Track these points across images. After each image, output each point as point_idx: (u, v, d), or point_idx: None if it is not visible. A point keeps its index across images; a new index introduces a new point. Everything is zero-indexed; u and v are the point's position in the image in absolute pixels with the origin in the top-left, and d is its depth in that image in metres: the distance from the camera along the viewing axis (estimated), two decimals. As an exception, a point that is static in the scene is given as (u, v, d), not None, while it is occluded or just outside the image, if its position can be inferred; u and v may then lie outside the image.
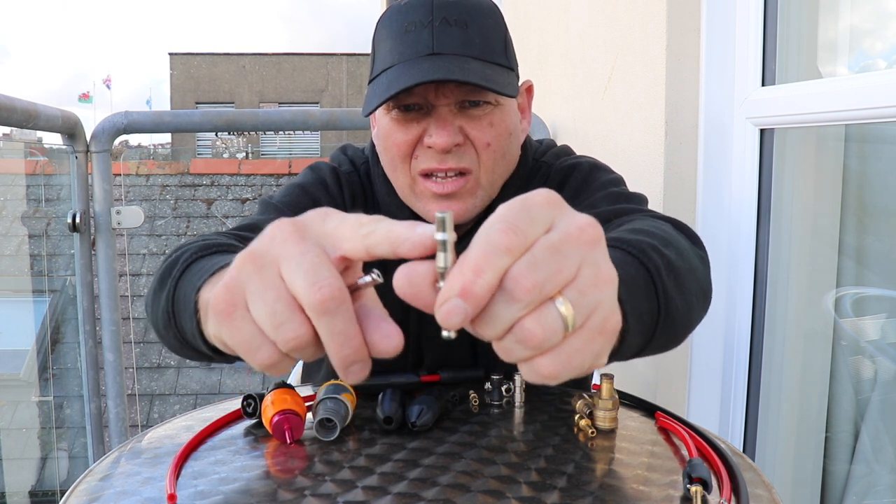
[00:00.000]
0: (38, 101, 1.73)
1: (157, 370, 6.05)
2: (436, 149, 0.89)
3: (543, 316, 0.41)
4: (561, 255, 0.41)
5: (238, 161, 8.21)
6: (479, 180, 0.92)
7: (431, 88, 0.89)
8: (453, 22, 0.87)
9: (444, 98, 0.89)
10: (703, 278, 0.82)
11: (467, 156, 0.91)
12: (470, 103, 0.90)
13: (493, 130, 0.91)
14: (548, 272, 0.41)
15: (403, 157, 0.92)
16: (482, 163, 0.92)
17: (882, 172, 1.39)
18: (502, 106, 0.93)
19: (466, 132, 0.90)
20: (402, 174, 0.94)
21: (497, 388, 0.98)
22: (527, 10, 2.46)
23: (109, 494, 0.72)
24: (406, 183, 0.94)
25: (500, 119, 0.92)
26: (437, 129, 0.88)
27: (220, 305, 0.47)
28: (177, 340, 0.73)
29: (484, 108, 0.91)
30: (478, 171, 0.92)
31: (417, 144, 0.91)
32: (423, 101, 0.89)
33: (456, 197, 0.92)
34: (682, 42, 1.46)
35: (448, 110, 0.90)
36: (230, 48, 63.79)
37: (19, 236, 4.81)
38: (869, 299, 1.38)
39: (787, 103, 1.33)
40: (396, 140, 0.92)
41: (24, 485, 3.42)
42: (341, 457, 0.81)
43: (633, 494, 0.72)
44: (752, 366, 1.45)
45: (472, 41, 0.87)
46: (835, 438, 1.40)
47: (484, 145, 0.91)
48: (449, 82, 0.86)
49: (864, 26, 1.36)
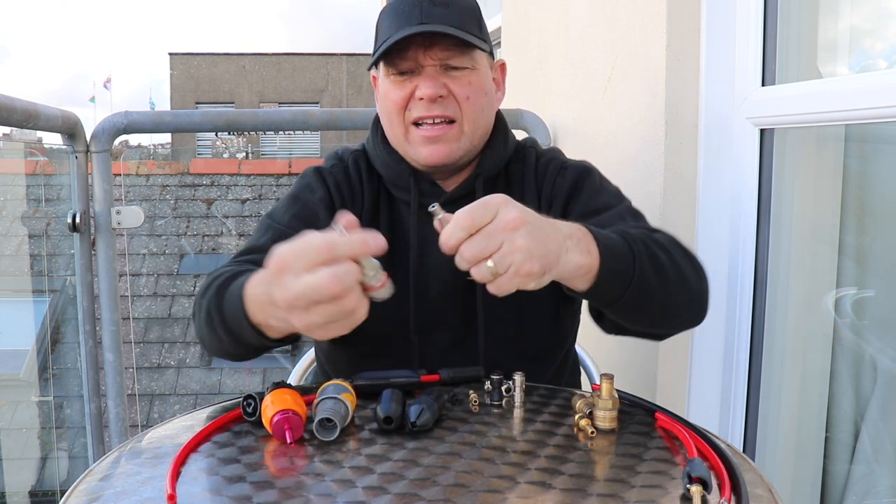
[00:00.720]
0: (37, 102, 1.73)
1: (157, 370, 6.05)
2: (425, 99, 1.09)
3: (480, 270, 0.78)
4: (490, 237, 0.77)
5: (238, 161, 8.22)
6: (462, 128, 1.12)
7: (420, 51, 1.09)
8: (438, 3, 1.10)
9: (430, 59, 1.10)
10: (693, 284, 0.99)
11: (451, 106, 1.11)
12: (452, 67, 1.11)
13: (472, 88, 1.12)
14: (479, 248, 0.77)
15: (399, 109, 1.12)
16: (464, 113, 1.12)
17: (882, 172, 1.39)
18: (478, 70, 1.14)
19: (450, 88, 1.11)
20: (397, 125, 1.14)
21: (497, 388, 0.98)
22: (527, 10, 2.46)
23: (109, 494, 0.72)
24: (401, 132, 1.14)
25: (477, 80, 1.13)
26: (424, 83, 1.10)
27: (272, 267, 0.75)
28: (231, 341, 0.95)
29: (463, 71, 1.12)
30: (461, 121, 1.12)
31: (410, 99, 1.11)
32: (415, 64, 1.11)
33: (441, 140, 1.11)
34: (682, 42, 1.46)
35: (434, 69, 1.11)
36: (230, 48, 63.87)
37: (19, 236, 4.82)
38: (869, 299, 1.38)
39: (787, 103, 1.33)
40: (393, 96, 1.12)
41: (24, 485, 3.43)
42: (341, 457, 0.81)
43: (632, 494, 0.72)
44: (752, 366, 1.45)
45: (452, 15, 1.10)
46: (835, 438, 1.40)
47: (464, 98, 1.11)
48: (435, 37, 1.08)
49: (864, 26, 1.36)
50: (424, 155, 1.12)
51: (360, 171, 1.21)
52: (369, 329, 1.15)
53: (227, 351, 1.03)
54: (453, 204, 1.06)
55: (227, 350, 1.02)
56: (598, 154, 1.80)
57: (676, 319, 1.03)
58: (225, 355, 1.06)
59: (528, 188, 1.20)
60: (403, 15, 1.10)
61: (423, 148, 1.12)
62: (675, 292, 0.96)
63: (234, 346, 0.97)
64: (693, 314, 1.03)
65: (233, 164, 7.80)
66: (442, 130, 1.11)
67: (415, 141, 1.13)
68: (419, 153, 1.13)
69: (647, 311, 0.96)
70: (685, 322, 1.05)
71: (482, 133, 1.16)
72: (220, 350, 1.04)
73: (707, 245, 1.49)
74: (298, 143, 18.26)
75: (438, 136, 1.11)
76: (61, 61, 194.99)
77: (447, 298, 1.15)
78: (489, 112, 1.17)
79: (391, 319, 1.15)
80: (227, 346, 0.99)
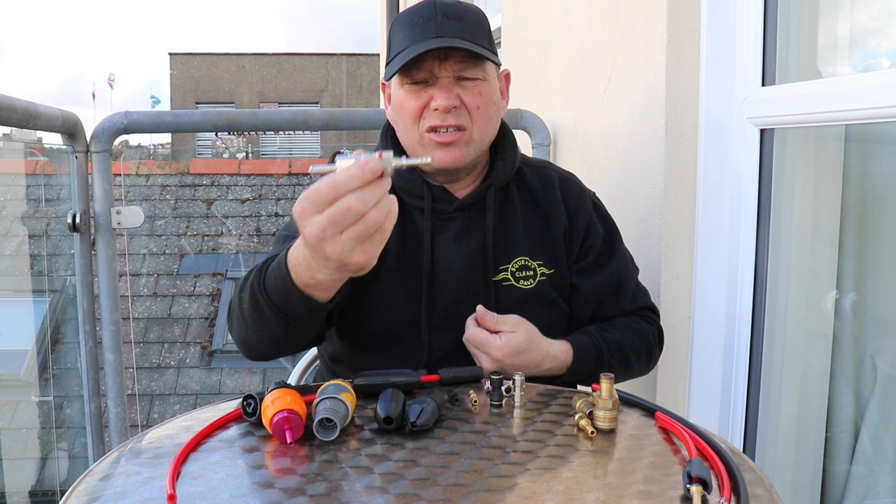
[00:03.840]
0: (36, 102, 1.73)
1: (157, 370, 6.05)
2: (440, 109, 1.15)
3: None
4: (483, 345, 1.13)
5: (238, 161, 8.21)
6: (472, 135, 1.19)
7: (436, 63, 1.15)
8: (452, 17, 1.15)
9: (445, 71, 1.16)
10: (642, 372, 1.30)
11: (463, 116, 1.17)
12: (464, 78, 1.17)
13: (482, 98, 1.18)
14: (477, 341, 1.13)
15: (414, 118, 1.18)
16: (474, 122, 1.18)
17: (882, 172, 1.39)
18: (488, 81, 1.20)
19: (462, 98, 1.17)
20: (412, 133, 1.20)
21: (497, 388, 0.98)
22: (527, 10, 2.46)
23: (109, 494, 0.72)
24: (416, 139, 1.20)
25: (487, 90, 1.19)
26: (440, 94, 1.15)
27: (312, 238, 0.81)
28: (279, 321, 0.99)
29: (475, 82, 1.18)
30: (471, 128, 1.18)
31: (425, 109, 1.17)
32: (429, 75, 1.16)
33: (453, 145, 1.18)
34: (682, 42, 1.46)
35: (448, 81, 1.16)
36: (230, 48, 63.87)
37: (19, 236, 4.81)
38: (869, 299, 1.38)
39: (787, 103, 1.33)
40: (409, 105, 1.18)
41: (24, 485, 3.42)
42: (341, 457, 0.81)
43: (633, 494, 0.72)
44: (752, 366, 1.45)
45: (466, 29, 1.16)
46: (835, 438, 1.40)
47: (475, 108, 1.18)
48: (450, 50, 1.14)
49: (865, 26, 1.36)
50: (438, 159, 1.17)
51: None
52: (382, 329, 1.19)
53: (274, 338, 1.04)
54: (464, 210, 1.23)
55: (274, 336, 1.03)
56: (598, 154, 1.80)
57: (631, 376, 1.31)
58: (272, 345, 1.07)
59: (556, 208, 1.27)
60: (419, 27, 1.15)
61: (437, 152, 1.18)
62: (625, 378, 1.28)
63: (282, 326, 0.99)
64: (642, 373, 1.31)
65: (233, 164, 7.80)
66: (454, 137, 1.17)
67: (429, 146, 1.19)
68: (433, 157, 1.17)
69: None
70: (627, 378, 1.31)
71: (489, 139, 1.23)
72: (265, 340, 1.05)
73: (707, 245, 1.49)
74: (298, 143, 18.26)
75: (451, 142, 1.17)
76: (59, 62, 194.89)
77: (459, 300, 1.19)
78: (496, 120, 1.24)
79: (401, 317, 1.18)
80: (274, 329, 1.01)
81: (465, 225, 1.22)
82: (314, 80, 20.03)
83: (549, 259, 1.24)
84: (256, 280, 1.00)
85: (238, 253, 6.95)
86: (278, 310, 0.97)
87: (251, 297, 1.01)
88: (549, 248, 1.25)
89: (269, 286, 0.97)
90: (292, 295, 0.93)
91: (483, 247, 1.21)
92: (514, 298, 1.21)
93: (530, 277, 1.23)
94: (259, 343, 1.07)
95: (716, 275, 1.48)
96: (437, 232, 1.21)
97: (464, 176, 1.24)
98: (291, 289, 0.93)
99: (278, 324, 0.99)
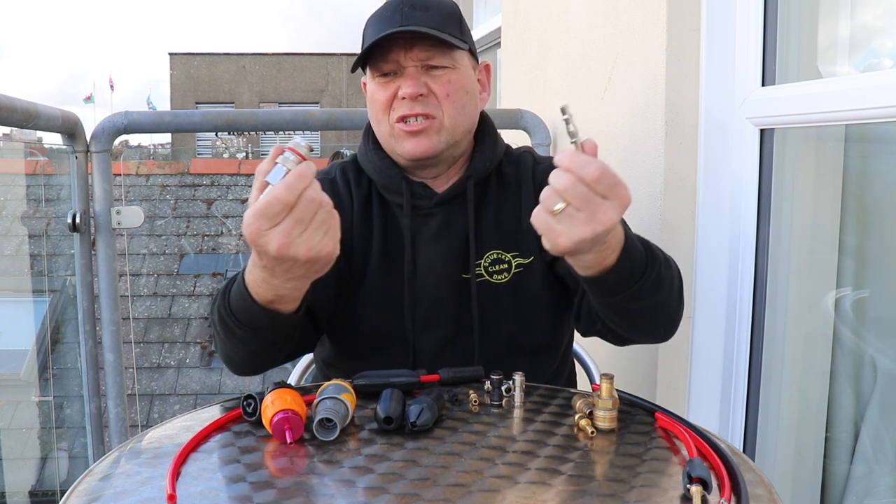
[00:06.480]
0: (35, 102, 1.73)
1: (157, 370, 6.05)
2: (407, 97, 1.15)
3: (549, 202, 0.93)
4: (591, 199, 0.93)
5: (238, 161, 8.21)
6: (442, 123, 1.17)
7: (402, 53, 1.15)
8: (418, 7, 1.16)
9: (411, 60, 1.16)
10: (676, 309, 1.11)
11: (431, 104, 1.16)
12: (432, 67, 1.16)
13: (451, 86, 1.17)
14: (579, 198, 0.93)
15: (384, 109, 1.18)
16: (444, 110, 1.17)
17: (882, 172, 1.39)
18: (458, 70, 1.19)
19: (430, 87, 1.16)
20: (383, 123, 1.20)
21: (497, 388, 0.98)
22: (527, 10, 2.46)
23: (109, 494, 0.72)
24: (387, 130, 1.19)
25: (457, 79, 1.18)
26: (406, 82, 1.15)
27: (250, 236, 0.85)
28: (252, 337, 1.02)
29: (443, 70, 1.17)
30: (441, 117, 1.17)
31: (394, 99, 1.17)
32: (397, 65, 1.16)
33: (423, 134, 1.17)
34: (682, 42, 1.46)
35: (415, 70, 1.16)
36: (230, 48, 63.81)
37: (19, 236, 4.81)
38: (869, 299, 1.38)
39: (787, 103, 1.33)
40: (378, 97, 1.18)
41: (24, 485, 3.42)
42: (341, 457, 0.81)
43: (632, 494, 0.72)
44: (752, 366, 1.45)
45: (432, 18, 1.16)
46: (835, 438, 1.40)
47: (444, 96, 1.17)
48: (416, 40, 1.14)
49: (865, 26, 1.36)
50: (408, 148, 1.17)
51: (349, 179, 1.25)
52: (371, 331, 1.18)
53: (252, 352, 1.07)
54: (444, 205, 1.20)
55: (252, 351, 1.07)
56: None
57: (652, 327, 1.12)
58: (254, 360, 1.10)
59: (524, 189, 1.22)
60: (385, 20, 1.16)
61: (407, 142, 1.17)
62: (666, 303, 1.07)
63: (256, 341, 1.03)
64: (665, 329, 1.13)
65: (233, 164, 7.79)
66: (423, 125, 1.17)
67: (399, 136, 1.18)
68: (404, 147, 1.18)
69: (636, 310, 1.03)
70: (656, 334, 1.14)
71: (464, 130, 1.21)
72: (245, 356, 1.09)
73: (707, 245, 1.49)
74: (298, 143, 18.22)
75: (420, 131, 1.17)
76: (58, 62, 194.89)
77: (442, 296, 1.18)
78: (471, 110, 1.22)
79: (387, 318, 1.17)
80: (250, 345, 1.04)
81: (445, 221, 1.19)
82: (314, 80, 20.03)
83: (524, 248, 1.20)
84: (222, 305, 1.03)
85: (238, 253, 6.95)
86: (248, 328, 1.00)
87: (220, 319, 1.04)
88: (521, 237, 1.20)
89: (235, 308, 1.00)
90: (257, 314, 0.97)
91: (461, 243, 1.19)
92: (488, 294, 1.18)
93: (504, 271, 1.19)
94: (242, 360, 1.10)
95: (716, 275, 1.48)
96: (418, 229, 1.19)
97: (444, 169, 1.22)
98: (255, 309, 0.97)
99: (252, 340, 1.03)
